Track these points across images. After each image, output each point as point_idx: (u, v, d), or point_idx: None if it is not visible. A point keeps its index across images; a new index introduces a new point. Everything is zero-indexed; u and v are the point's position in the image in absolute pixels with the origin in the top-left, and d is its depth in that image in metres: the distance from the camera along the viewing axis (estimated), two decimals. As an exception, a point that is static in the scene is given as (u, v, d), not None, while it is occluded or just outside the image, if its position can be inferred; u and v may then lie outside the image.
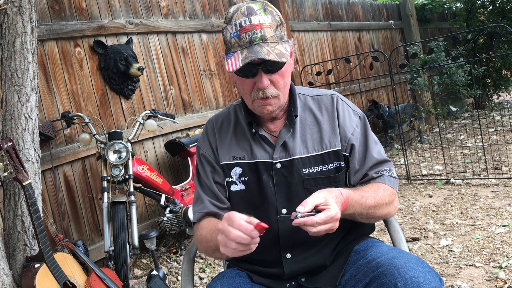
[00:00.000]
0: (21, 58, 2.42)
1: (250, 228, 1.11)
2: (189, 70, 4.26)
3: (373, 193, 1.33)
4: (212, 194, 1.44)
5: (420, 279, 1.12)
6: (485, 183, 4.19)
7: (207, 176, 1.45)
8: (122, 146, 2.97)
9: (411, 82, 5.78)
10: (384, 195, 1.36)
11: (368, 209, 1.31)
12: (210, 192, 1.44)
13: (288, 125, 1.40)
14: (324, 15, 6.15)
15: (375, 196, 1.33)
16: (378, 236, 3.32)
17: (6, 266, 2.21)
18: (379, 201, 1.33)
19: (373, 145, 1.43)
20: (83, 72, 3.47)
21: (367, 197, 1.31)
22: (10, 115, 2.38)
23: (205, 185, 1.45)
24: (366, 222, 1.40)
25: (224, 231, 1.14)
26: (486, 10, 8.19)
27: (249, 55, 1.23)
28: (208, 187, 1.44)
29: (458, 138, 6.32)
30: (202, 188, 1.46)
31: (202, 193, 1.45)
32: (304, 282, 1.37)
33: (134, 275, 3.28)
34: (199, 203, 1.45)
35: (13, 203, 2.35)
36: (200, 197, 1.45)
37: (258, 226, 1.11)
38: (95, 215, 3.42)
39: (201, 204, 1.44)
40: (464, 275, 2.59)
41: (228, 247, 1.13)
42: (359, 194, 1.30)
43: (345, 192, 1.24)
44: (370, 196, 1.32)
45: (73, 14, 3.45)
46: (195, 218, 1.45)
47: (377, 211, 1.34)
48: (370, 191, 1.34)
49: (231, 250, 1.13)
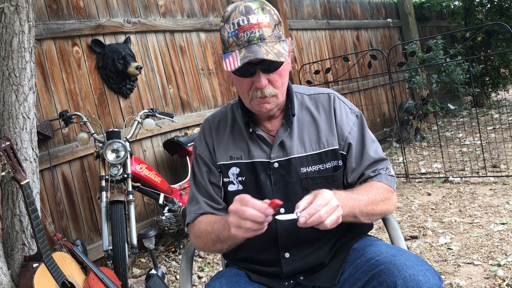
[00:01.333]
0: (19, 57, 2.41)
1: (264, 206, 1.13)
2: (187, 69, 4.26)
3: (364, 190, 1.34)
4: (207, 195, 1.43)
5: (419, 277, 1.12)
6: (483, 181, 4.19)
7: (203, 177, 1.44)
8: (121, 145, 2.97)
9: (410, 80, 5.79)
10: (378, 192, 1.35)
11: (365, 205, 1.30)
12: (205, 193, 1.44)
13: (285, 124, 1.40)
14: (322, 14, 6.15)
15: (367, 193, 1.33)
16: (376, 234, 3.32)
17: (4, 266, 2.21)
18: (373, 198, 1.33)
19: (370, 144, 1.43)
20: (81, 71, 3.46)
21: (358, 193, 1.31)
22: (7, 114, 2.37)
23: (201, 186, 1.44)
24: (362, 221, 1.39)
25: (237, 211, 1.16)
26: (484, 8, 8.19)
27: (248, 55, 1.23)
28: (204, 187, 1.44)
29: (456, 136, 6.32)
30: (198, 188, 1.45)
31: (197, 193, 1.45)
32: (303, 281, 1.37)
33: (133, 274, 3.28)
34: (194, 204, 1.45)
35: (11, 202, 2.35)
36: (195, 197, 1.45)
37: (272, 204, 1.13)
38: (93, 214, 3.41)
39: (197, 204, 1.44)
40: (462, 273, 2.60)
41: (242, 227, 1.15)
42: (349, 191, 1.31)
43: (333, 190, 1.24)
44: (362, 192, 1.32)
45: (70, 13, 3.44)
46: (189, 219, 1.44)
47: (375, 207, 1.33)
48: (362, 188, 1.34)
49: (244, 229, 1.15)
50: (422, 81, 5.64)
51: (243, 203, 1.16)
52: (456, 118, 7.69)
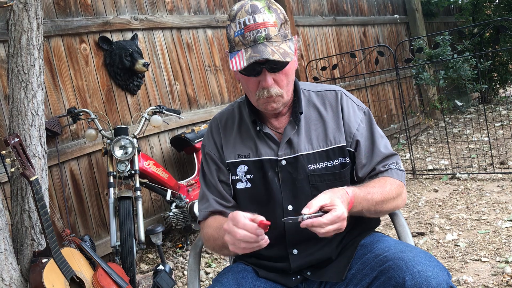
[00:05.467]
0: (27, 55, 2.43)
1: (254, 227, 1.13)
2: (194, 66, 4.26)
3: (379, 188, 1.33)
4: (217, 193, 1.45)
5: (428, 273, 1.12)
6: (491, 177, 4.17)
7: (212, 175, 1.46)
8: (128, 141, 2.98)
9: (417, 76, 5.75)
10: (391, 189, 1.36)
11: (376, 204, 1.32)
12: (215, 191, 1.45)
13: (292, 122, 1.40)
14: (329, 10, 6.13)
15: (381, 191, 1.33)
16: (383, 230, 3.32)
17: (14, 261, 2.23)
18: (386, 196, 1.33)
19: (380, 140, 1.43)
20: (89, 68, 3.48)
21: (373, 193, 1.31)
22: (17, 111, 2.39)
23: (210, 184, 1.46)
24: (375, 216, 1.40)
25: (230, 232, 1.16)
26: (493, 4, 8.13)
27: (254, 55, 1.23)
28: (214, 185, 1.45)
29: (464, 132, 6.29)
30: (207, 186, 1.47)
31: (207, 191, 1.46)
32: (310, 276, 1.37)
33: (141, 270, 3.30)
34: (204, 202, 1.46)
35: (20, 198, 2.37)
36: (205, 195, 1.46)
37: (261, 224, 1.13)
38: (101, 210, 3.43)
39: (206, 202, 1.45)
40: (470, 269, 2.59)
41: (237, 246, 1.16)
42: (365, 191, 1.30)
43: (350, 191, 1.25)
44: (376, 191, 1.32)
45: (78, 10, 3.46)
46: (200, 217, 1.47)
47: (385, 205, 1.34)
48: (377, 186, 1.34)
49: (240, 249, 1.16)
50: (429, 77, 5.61)
51: (234, 222, 1.16)
52: (463, 114, 7.65)
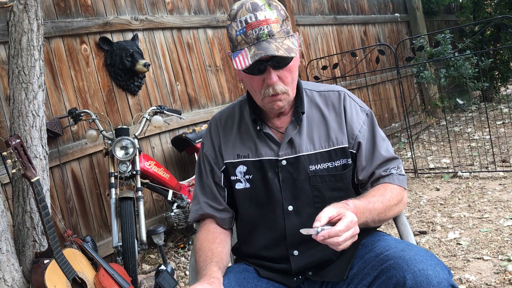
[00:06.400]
0: (28, 56, 2.43)
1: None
2: (195, 66, 4.26)
3: (380, 196, 1.32)
4: (210, 193, 1.45)
5: (429, 271, 1.12)
6: (492, 176, 4.17)
7: (207, 176, 1.46)
8: (129, 142, 2.98)
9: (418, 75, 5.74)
10: (392, 196, 1.35)
11: (379, 214, 1.31)
12: (208, 192, 1.45)
13: (294, 121, 1.39)
14: (329, 9, 6.12)
15: (382, 199, 1.32)
16: (385, 229, 3.32)
17: (16, 262, 2.23)
18: (387, 204, 1.32)
19: (381, 142, 1.42)
20: (89, 69, 3.48)
21: (374, 202, 1.30)
22: (17, 112, 2.39)
23: (205, 184, 1.46)
24: (379, 225, 1.39)
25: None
26: (493, 2, 8.10)
27: (258, 52, 1.22)
28: (208, 186, 1.45)
29: (465, 131, 6.28)
30: (201, 186, 1.47)
31: (200, 193, 1.47)
32: (312, 276, 1.37)
33: (143, 270, 3.30)
34: (195, 203, 1.48)
35: (21, 199, 2.37)
36: (197, 197, 1.47)
37: None
38: (103, 211, 3.44)
39: (197, 205, 1.46)
40: (472, 268, 2.59)
41: None
42: (366, 201, 1.29)
43: (351, 203, 1.23)
44: (377, 200, 1.31)
45: (78, 11, 3.46)
46: (191, 218, 1.48)
47: (388, 213, 1.34)
48: (377, 195, 1.33)
49: None
50: (430, 75, 5.59)
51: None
52: (464, 112, 7.63)
